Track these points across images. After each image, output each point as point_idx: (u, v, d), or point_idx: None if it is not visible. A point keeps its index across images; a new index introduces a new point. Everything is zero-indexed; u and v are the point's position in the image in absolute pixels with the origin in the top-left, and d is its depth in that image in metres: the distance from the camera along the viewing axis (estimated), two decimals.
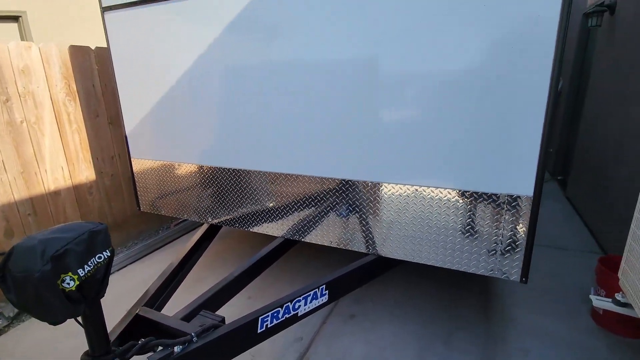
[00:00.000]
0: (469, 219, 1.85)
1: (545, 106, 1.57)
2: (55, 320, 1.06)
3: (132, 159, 2.89)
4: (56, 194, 3.03)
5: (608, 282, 2.15)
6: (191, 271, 2.47)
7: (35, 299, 0.99)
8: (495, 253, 1.83)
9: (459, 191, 1.84)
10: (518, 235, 1.75)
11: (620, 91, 3.21)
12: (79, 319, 1.17)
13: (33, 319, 2.61)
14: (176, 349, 1.37)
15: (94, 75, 3.21)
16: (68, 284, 1.02)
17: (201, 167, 2.60)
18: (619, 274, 1.53)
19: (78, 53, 3.07)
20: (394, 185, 1.98)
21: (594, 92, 4.05)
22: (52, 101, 2.93)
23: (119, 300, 2.64)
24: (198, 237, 2.53)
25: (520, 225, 1.73)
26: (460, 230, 1.88)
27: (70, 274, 1.02)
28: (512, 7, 1.54)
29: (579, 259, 3.13)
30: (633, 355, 2.05)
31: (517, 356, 2.11)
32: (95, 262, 1.09)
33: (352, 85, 1.94)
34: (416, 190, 1.94)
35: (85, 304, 1.11)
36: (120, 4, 2.56)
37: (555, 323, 2.35)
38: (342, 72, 1.95)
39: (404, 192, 1.97)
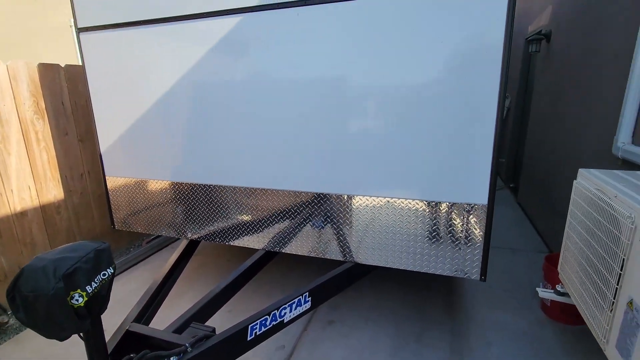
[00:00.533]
0: (434, 226, 2.08)
1: (494, 128, 1.84)
2: (63, 336, 1.11)
3: (106, 177, 2.88)
4: (22, 214, 2.93)
5: (552, 277, 2.46)
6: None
7: (45, 316, 1.05)
8: (458, 255, 2.06)
9: (425, 201, 2.07)
10: (476, 239, 2.00)
11: (555, 110, 3.67)
12: (81, 334, 1.22)
13: (5, 346, 2.50)
14: (172, 359, 1.44)
15: (63, 93, 3.16)
16: (77, 300, 1.09)
17: (179, 184, 2.66)
18: (559, 268, 1.80)
19: (47, 71, 3.02)
20: (367, 197, 2.18)
21: (536, 109, 4.56)
22: (20, 119, 2.86)
23: None
24: (179, 253, 2.56)
25: (478, 229, 1.98)
26: (427, 237, 2.10)
27: (79, 290, 1.09)
28: (463, 45, 1.81)
29: (529, 258, 3.49)
30: (572, 338, 2.36)
31: (481, 349, 2.35)
32: (101, 279, 1.16)
33: (324, 105, 2.13)
34: (387, 201, 2.14)
35: (90, 319, 1.17)
36: (95, 26, 2.60)
37: (511, 317, 2.63)
38: (315, 94, 2.13)
39: (377, 204, 2.17)
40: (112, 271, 1.22)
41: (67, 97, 3.20)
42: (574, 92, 3.21)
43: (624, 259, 1.19)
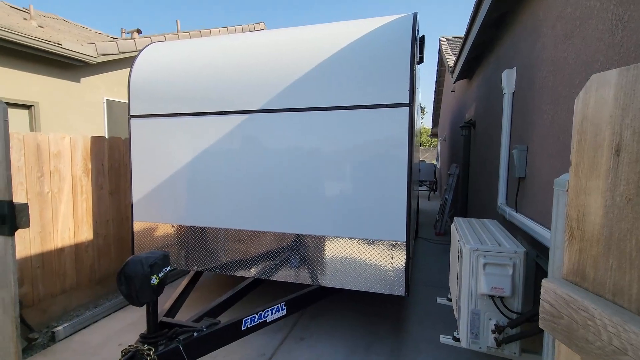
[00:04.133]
0: (375, 256, 3.01)
1: (406, 194, 2.88)
2: (143, 302, 1.96)
3: (134, 222, 3.76)
4: (61, 250, 3.72)
5: None
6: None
7: (138, 289, 1.92)
8: (390, 277, 2.97)
9: (368, 240, 3.03)
10: (401, 265, 2.93)
11: (479, 178, 4.85)
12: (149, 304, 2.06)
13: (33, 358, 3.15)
14: (194, 334, 2.25)
15: (104, 157, 4.16)
16: (153, 281, 1.97)
17: (190, 227, 3.55)
18: (449, 282, 2.74)
19: (96, 141, 4.05)
20: (330, 237, 3.12)
21: (472, 176, 5.77)
22: (72, 176, 3.80)
23: (110, 339, 3.35)
24: (187, 282, 3.37)
25: (401, 258, 2.92)
26: (370, 264, 3.02)
27: (155, 275, 1.97)
28: (385, 141, 2.94)
29: None
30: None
31: (413, 355, 3.14)
32: (165, 271, 2.05)
33: (301, 174, 3.17)
34: (343, 239, 3.09)
35: (156, 295, 2.03)
36: (141, 115, 3.69)
37: (437, 333, 3.45)
38: (297, 166, 3.18)
39: (337, 242, 3.11)
40: (170, 268, 2.11)
41: (106, 160, 4.18)
42: (486, 166, 4.40)
43: (458, 264, 2.16)
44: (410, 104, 2.86)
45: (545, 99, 2.41)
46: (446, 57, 8.12)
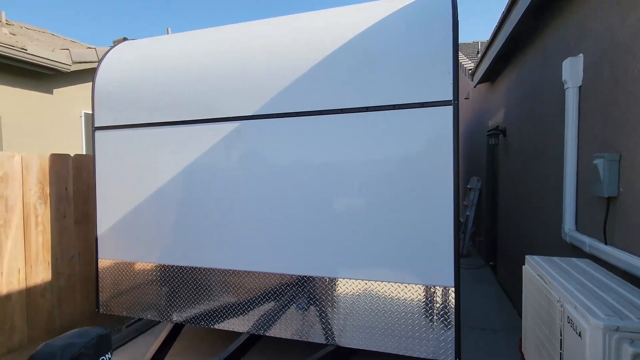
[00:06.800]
0: (411, 307, 2.23)
1: (452, 225, 2.13)
2: None
3: (99, 259, 2.99)
4: (7, 298, 2.94)
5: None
6: None
7: None
8: (434, 336, 2.19)
9: (401, 284, 2.25)
10: (449, 319, 2.15)
11: (517, 195, 4.09)
12: None
13: None
14: None
15: (69, 179, 3.43)
16: None
17: (167, 266, 2.79)
18: (522, 349, 1.95)
19: (57, 160, 3.32)
20: (351, 280, 2.35)
21: (502, 192, 5.01)
22: (24, 204, 3.06)
23: None
24: (164, 337, 2.58)
25: (449, 310, 2.14)
26: (405, 318, 2.24)
27: None
28: (425, 157, 2.20)
29: (508, 339, 3.55)
30: None
31: None
32: None
33: (309, 195, 2.42)
34: (366, 283, 2.32)
35: None
36: (107, 126, 2.98)
37: None
38: (299, 185, 2.44)
39: (358, 287, 2.34)
40: (110, 356, 1.34)
41: (71, 183, 3.45)
42: (530, 181, 3.65)
43: (561, 339, 1.38)
44: (455, 102, 2.14)
45: None
46: (461, 62, 7.48)
